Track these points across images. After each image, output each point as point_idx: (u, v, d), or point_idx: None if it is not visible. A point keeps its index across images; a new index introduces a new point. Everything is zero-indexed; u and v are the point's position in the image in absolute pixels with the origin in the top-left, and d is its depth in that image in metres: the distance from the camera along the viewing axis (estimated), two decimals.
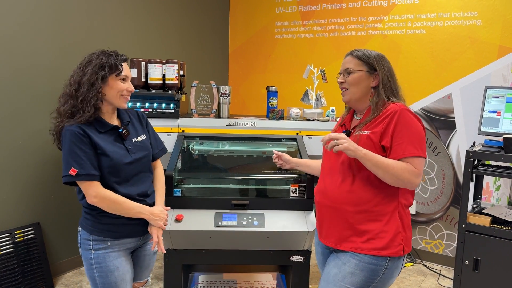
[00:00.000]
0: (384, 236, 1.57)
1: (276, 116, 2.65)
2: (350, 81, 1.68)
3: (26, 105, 2.81)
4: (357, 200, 1.59)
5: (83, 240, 1.72)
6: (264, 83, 4.28)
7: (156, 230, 1.76)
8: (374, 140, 1.57)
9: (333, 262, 1.66)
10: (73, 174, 1.58)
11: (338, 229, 1.64)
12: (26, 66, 2.79)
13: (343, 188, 1.62)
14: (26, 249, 2.80)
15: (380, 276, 1.58)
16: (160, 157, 1.94)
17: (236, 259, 2.27)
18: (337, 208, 1.63)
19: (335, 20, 3.85)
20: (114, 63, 1.65)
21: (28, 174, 2.87)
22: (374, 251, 1.57)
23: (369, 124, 1.62)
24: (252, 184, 2.33)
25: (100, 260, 1.69)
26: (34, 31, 2.81)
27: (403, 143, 1.54)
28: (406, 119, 1.55)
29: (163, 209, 1.80)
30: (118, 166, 1.67)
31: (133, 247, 1.80)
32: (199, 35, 4.17)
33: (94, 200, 1.63)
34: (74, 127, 1.60)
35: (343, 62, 1.74)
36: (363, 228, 1.59)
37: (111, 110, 1.74)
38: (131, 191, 1.71)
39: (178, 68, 2.60)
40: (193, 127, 2.55)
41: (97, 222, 1.69)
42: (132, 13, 3.48)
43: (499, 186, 3.20)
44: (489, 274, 2.53)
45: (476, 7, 3.20)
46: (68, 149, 1.60)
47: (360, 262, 1.58)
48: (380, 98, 1.63)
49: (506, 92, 2.72)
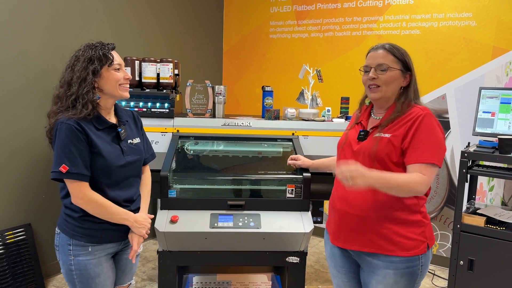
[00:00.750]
0: (411, 237, 1.56)
1: (271, 116, 2.63)
2: (385, 80, 1.57)
3: (17, 104, 2.76)
4: (381, 206, 1.56)
5: (62, 244, 1.63)
6: (258, 83, 4.26)
7: (137, 238, 1.68)
8: (395, 144, 1.53)
9: (374, 279, 1.61)
10: (64, 171, 1.50)
11: (362, 234, 1.60)
12: (17, 65, 2.74)
13: (367, 196, 1.57)
14: (17, 250, 2.75)
15: (419, 275, 1.59)
16: (149, 162, 1.87)
17: (232, 260, 2.25)
18: (361, 216, 1.58)
19: (330, 20, 3.85)
20: (103, 53, 1.57)
21: (19, 174, 2.82)
22: (404, 252, 1.55)
23: (391, 126, 1.56)
24: (248, 184, 2.31)
25: (80, 267, 1.61)
26: (26, 28, 2.76)
27: (420, 148, 1.49)
28: (429, 124, 1.51)
29: (147, 217, 1.73)
30: (111, 168, 1.60)
31: (114, 251, 1.72)
32: (192, 34, 4.13)
33: (79, 201, 1.55)
34: (71, 121, 1.52)
35: (374, 56, 1.61)
36: (389, 232, 1.56)
37: (110, 105, 1.66)
38: (118, 195, 1.65)
39: (172, 67, 2.57)
40: (188, 127, 2.52)
41: (78, 226, 1.60)
42: (126, 11, 3.44)
43: (492, 187, 3.22)
44: (484, 275, 2.54)
45: (470, 8, 3.21)
46: (62, 144, 1.51)
47: (397, 270, 1.56)
48: (408, 100, 1.59)
49: (500, 93, 2.73)
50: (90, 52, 1.56)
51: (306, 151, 2.46)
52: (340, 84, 3.83)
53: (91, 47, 1.59)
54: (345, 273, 1.75)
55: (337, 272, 1.77)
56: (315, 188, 2.38)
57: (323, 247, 3.84)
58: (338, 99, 2.79)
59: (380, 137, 1.55)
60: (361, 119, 1.71)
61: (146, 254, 3.54)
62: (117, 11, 3.37)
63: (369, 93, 1.63)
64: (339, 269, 1.76)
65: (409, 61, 1.59)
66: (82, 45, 1.62)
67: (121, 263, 1.79)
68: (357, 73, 3.76)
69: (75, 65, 1.56)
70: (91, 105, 1.55)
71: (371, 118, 1.70)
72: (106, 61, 1.58)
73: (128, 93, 1.67)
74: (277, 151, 2.57)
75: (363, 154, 1.59)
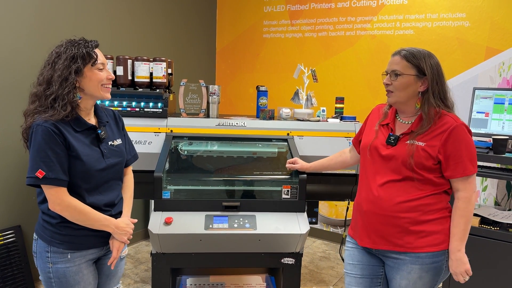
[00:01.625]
0: (439, 231, 1.60)
1: (266, 116, 2.61)
2: (397, 86, 1.61)
3: (6, 104, 2.71)
4: (411, 206, 1.59)
5: (40, 251, 1.56)
6: (252, 83, 4.24)
7: (118, 245, 1.61)
8: (431, 153, 1.57)
9: (398, 275, 1.65)
10: (40, 176, 1.43)
11: (391, 234, 1.63)
12: (6, 64, 2.68)
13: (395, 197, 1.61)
14: (7, 253, 2.69)
15: (443, 270, 1.62)
16: (131, 164, 1.81)
17: (227, 262, 2.22)
18: (391, 216, 1.62)
19: (324, 20, 3.83)
20: (87, 51, 1.49)
21: (8, 175, 2.76)
22: (431, 248, 1.59)
23: (424, 135, 1.59)
24: (243, 185, 2.28)
25: (59, 274, 1.54)
26: (15, 26, 2.71)
27: (463, 161, 1.56)
28: (464, 136, 1.57)
29: (129, 222, 1.65)
30: (90, 172, 1.52)
31: (95, 257, 1.65)
32: (186, 33, 4.10)
33: (57, 207, 1.48)
34: (47, 123, 1.44)
35: (391, 62, 1.65)
36: (418, 229, 1.59)
37: (89, 106, 1.58)
38: (98, 200, 1.57)
39: (166, 66, 2.54)
40: (182, 127, 2.49)
41: (56, 232, 1.53)
42: (118, 10, 3.39)
43: (486, 187, 3.23)
44: (478, 275, 2.54)
45: (464, 8, 3.22)
46: (38, 148, 1.44)
47: (423, 265, 1.60)
48: (431, 106, 1.60)
49: (494, 93, 2.74)
50: (73, 50, 1.48)
51: (301, 151, 2.44)
52: (334, 84, 3.83)
53: (73, 43, 1.50)
54: (362, 268, 1.76)
55: (353, 267, 1.77)
56: (310, 188, 2.37)
57: (317, 247, 3.83)
58: (333, 99, 2.78)
59: (416, 145, 1.58)
60: (388, 121, 1.72)
61: (139, 256, 3.50)
62: (110, 10, 3.32)
63: (387, 97, 1.68)
64: (356, 265, 1.77)
65: (425, 66, 1.58)
66: (63, 41, 1.53)
67: (104, 268, 1.71)
68: (351, 73, 3.79)
69: (56, 62, 1.48)
70: (71, 106, 1.47)
71: (398, 121, 1.71)
72: (89, 60, 1.50)
73: (110, 94, 1.60)
74: (272, 152, 2.55)
75: (395, 160, 1.62)
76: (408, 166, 1.58)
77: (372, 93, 3.65)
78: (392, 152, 1.63)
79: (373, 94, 3.65)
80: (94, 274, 1.65)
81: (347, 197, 2.58)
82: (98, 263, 1.70)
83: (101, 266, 1.71)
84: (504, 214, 2.68)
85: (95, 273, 1.67)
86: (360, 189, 1.75)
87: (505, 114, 2.69)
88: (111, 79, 1.59)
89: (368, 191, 1.68)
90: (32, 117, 1.49)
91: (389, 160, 1.63)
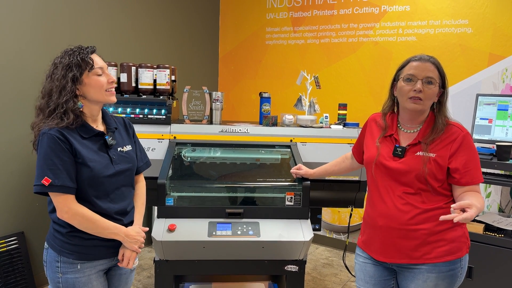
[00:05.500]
0: (455, 239, 1.60)
1: (269, 122, 2.61)
2: (430, 94, 1.58)
3: (9, 110, 2.72)
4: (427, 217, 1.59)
5: (50, 261, 1.56)
6: (254, 89, 4.25)
7: (129, 254, 1.59)
8: (441, 164, 1.57)
9: (413, 283, 1.63)
10: (46, 184, 1.43)
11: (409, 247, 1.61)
12: (9, 71, 2.70)
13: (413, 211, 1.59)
14: (10, 259, 2.69)
15: (459, 277, 1.62)
16: (143, 171, 1.81)
17: (230, 269, 2.21)
18: (408, 230, 1.60)
19: (326, 27, 3.85)
20: (82, 58, 1.48)
21: (11, 182, 2.77)
22: (448, 257, 1.58)
23: (433, 145, 1.58)
24: (246, 192, 2.28)
25: (69, 285, 1.53)
26: (21, 35, 2.72)
27: (472, 169, 1.57)
28: (471, 144, 1.59)
29: (140, 230, 1.64)
30: (98, 178, 1.52)
31: (106, 267, 1.64)
32: (189, 40, 4.11)
33: (65, 215, 1.47)
34: (53, 131, 1.44)
35: (422, 67, 1.57)
36: (434, 239, 1.59)
37: (96, 112, 1.58)
38: (109, 207, 1.56)
39: (169, 73, 2.55)
40: (185, 134, 2.49)
41: (66, 242, 1.53)
42: (122, 17, 3.41)
43: (489, 193, 3.22)
44: (483, 282, 2.52)
45: (466, 15, 3.23)
46: (44, 155, 1.44)
47: (439, 274, 1.59)
48: (444, 117, 1.61)
49: (497, 100, 2.74)
50: (67, 59, 1.48)
51: (304, 158, 2.43)
52: (337, 90, 3.83)
53: (68, 52, 1.51)
54: (374, 284, 1.75)
55: (365, 283, 1.77)
56: (314, 195, 2.36)
57: (320, 254, 3.82)
58: (336, 106, 2.78)
59: (428, 157, 1.57)
60: (391, 132, 1.69)
61: (141, 262, 3.49)
62: (114, 18, 3.34)
63: (410, 103, 1.59)
64: (368, 280, 1.76)
65: (446, 78, 1.62)
66: (61, 51, 1.54)
67: (114, 279, 1.70)
68: (354, 79, 3.80)
69: (54, 73, 1.49)
70: (73, 114, 1.48)
71: (402, 131, 1.68)
72: (85, 66, 1.49)
73: (115, 97, 1.59)
74: (275, 158, 2.55)
75: (408, 174, 1.59)
76: (422, 179, 1.57)
77: (374, 99, 3.65)
78: (402, 166, 1.61)
79: (375, 100, 3.65)
80: (104, 285, 1.64)
81: (350, 203, 2.57)
82: (108, 274, 1.69)
83: (110, 277, 1.69)
84: (509, 221, 2.67)
85: (105, 284, 1.65)
86: (372, 202, 1.72)
87: (509, 121, 2.68)
88: (112, 82, 1.57)
89: (382, 205, 1.65)
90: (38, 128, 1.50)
91: (400, 174, 1.61)
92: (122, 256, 1.61)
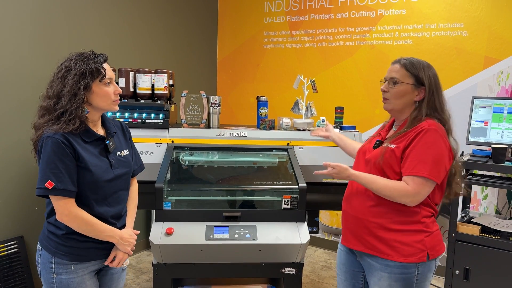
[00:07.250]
0: (409, 243, 1.59)
1: (266, 126, 2.63)
2: (393, 93, 1.64)
3: (9, 115, 2.74)
4: (379, 212, 1.62)
5: (44, 262, 1.58)
6: (252, 93, 4.27)
7: (121, 255, 1.63)
8: (397, 155, 1.58)
9: (372, 280, 1.68)
10: (49, 187, 1.45)
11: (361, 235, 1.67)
12: (9, 75, 2.72)
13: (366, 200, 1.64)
14: (9, 264, 2.70)
15: (414, 283, 1.62)
16: (137, 174, 1.83)
17: (228, 272, 2.23)
18: (360, 218, 1.66)
19: (323, 31, 3.87)
20: (96, 67, 1.50)
21: (11, 186, 2.78)
22: (400, 258, 1.59)
23: (399, 137, 1.62)
24: (243, 195, 2.30)
25: (63, 285, 1.56)
26: (20, 40, 2.75)
27: (415, 160, 1.54)
28: (430, 138, 1.54)
29: (132, 233, 1.68)
30: (98, 182, 1.55)
31: (98, 268, 1.67)
32: (187, 44, 4.14)
33: (64, 218, 1.50)
34: (58, 135, 1.46)
35: (390, 69, 1.67)
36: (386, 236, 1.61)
37: (97, 117, 1.61)
38: (106, 211, 1.60)
39: (167, 78, 2.57)
40: (183, 138, 2.51)
41: (61, 244, 1.55)
42: (120, 22, 3.44)
43: (486, 195, 3.23)
44: (479, 284, 2.54)
45: (462, 18, 3.25)
46: (47, 159, 1.46)
47: (391, 274, 1.61)
48: (419, 114, 1.61)
49: (493, 102, 2.76)
50: (82, 66, 1.49)
51: (301, 161, 2.45)
52: (334, 94, 3.85)
53: (83, 59, 1.51)
54: (345, 271, 1.82)
55: (339, 270, 1.85)
56: (311, 198, 2.38)
57: (318, 256, 3.83)
58: (333, 109, 2.80)
59: (386, 147, 1.61)
60: (384, 129, 1.78)
61: (140, 266, 3.50)
62: (112, 22, 3.37)
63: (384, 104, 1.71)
64: (341, 267, 1.84)
65: (423, 76, 1.60)
66: (72, 54, 1.55)
67: (106, 279, 1.73)
68: (351, 83, 3.82)
69: (65, 76, 1.49)
70: (79, 120, 1.50)
71: (391, 129, 1.76)
72: (98, 75, 1.52)
73: (118, 106, 1.63)
74: (272, 161, 2.57)
75: (368, 162, 1.67)
76: (380, 169, 1.61)
77: (371, 103, 3.68)
78: (368, 156, 1.69)
79: (372, 103, 3.67)
80: (96, 285, 1.67)
81: None
82: (99, 274, 1.72)
83: (102, 277, 1.72)
84: (505, 223, 2.69)
85: (97, 284, 1.68)
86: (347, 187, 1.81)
87: (504, 123, 2.70)
88: (119, 93, 1.61)
89: (347, 189, 1.76)
90: (42, 130, 1.51)
91: (368, 163, 1.67)
92: (113, 257, 1.64)
